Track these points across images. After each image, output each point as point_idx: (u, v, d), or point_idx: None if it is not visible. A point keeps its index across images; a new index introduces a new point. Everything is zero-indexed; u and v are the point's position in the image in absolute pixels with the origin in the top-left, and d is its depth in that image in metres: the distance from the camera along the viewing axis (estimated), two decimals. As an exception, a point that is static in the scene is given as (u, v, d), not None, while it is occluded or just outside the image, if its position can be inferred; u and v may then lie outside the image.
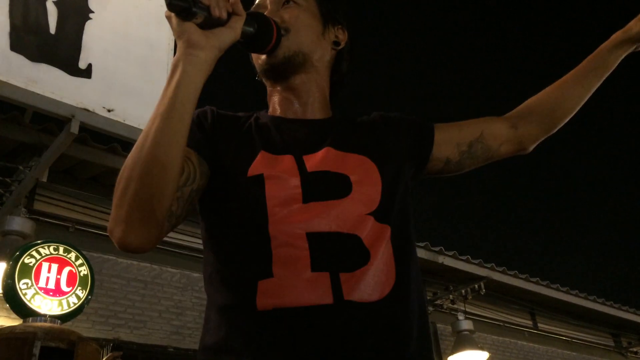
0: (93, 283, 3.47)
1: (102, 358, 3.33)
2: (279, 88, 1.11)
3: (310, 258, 0.88)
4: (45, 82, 3.19)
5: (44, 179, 3.69)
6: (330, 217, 0.93)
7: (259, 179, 0.94)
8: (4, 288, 3.21)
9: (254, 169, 0.95)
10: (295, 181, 0.95)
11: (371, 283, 0.91)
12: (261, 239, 0.90)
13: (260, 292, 0.86)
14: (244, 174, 0.95)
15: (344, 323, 0.86)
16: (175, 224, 0.92)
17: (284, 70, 1.08)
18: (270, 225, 0.90)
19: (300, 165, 0.97)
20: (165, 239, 4.34)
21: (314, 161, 0.99)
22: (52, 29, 3.36)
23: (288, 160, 0.98)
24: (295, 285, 0.86)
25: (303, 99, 1.10)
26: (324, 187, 0.96)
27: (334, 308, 0.86)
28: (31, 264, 3.23)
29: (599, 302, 8.29)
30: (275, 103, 1.11)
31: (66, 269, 3.34)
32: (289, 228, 0.90)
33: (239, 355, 0.85)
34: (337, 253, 0.91)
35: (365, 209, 0.97)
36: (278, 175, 0.95)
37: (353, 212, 0.95)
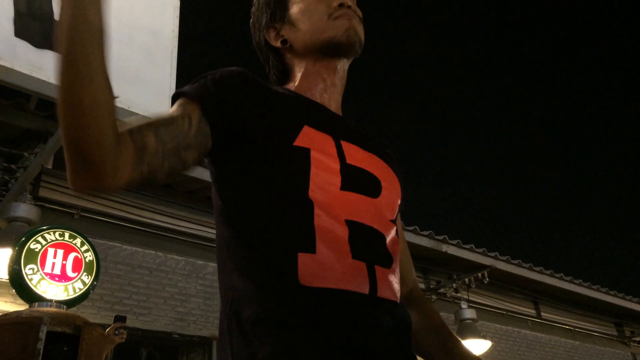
0: (98, 269, 3.49)
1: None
2: (319, 67, 1.07)
3: (349, 244, 0.87)
4: (50, 68, 3.19)
5: (49, 166, 3.71)
6: (366, 211, 0.92)
7: (306, 152, 0.91)
8: (10, 273, 3.23)
9: (300, 141, 0.92)
10: (336, 166, 0.93)
11: (394, 285, 0.92)
12: (305, 211, 0.87)
13: (301, 266, 0.83)
14: (290, 142, 0.91)
15: (379, 316, 0.86)
16: (148, 173, 0.82)
17: (353, 52, 1.07)
18: (313, 202, 0.88)
19: (340, 151, 0.95)
20: (170, 226, 4.30)
21: (351, 153, 0.97)
22: (57, 15, 3.36)
23: (329, 142, 0.95)
24: (335, 267, 0.85)
25: (336, 88, 1.08)
26: (360, 182, 0.95)
27: (369, 299, 0.86)
28: (37, 250, 3.25)
29: (602, 292, 8.30)
30: (306, 81, 1.07)
31: (72, 255, 3.36)
32: (329, 209, 0.88)
33: (299, 329, 0.81)
34: (372, 247, 0.91)
35: (389, 215, 0.98)
36: (322, 156, 0.92)
37: (382, 214, 0.96)
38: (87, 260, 3.41)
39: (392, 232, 0.97)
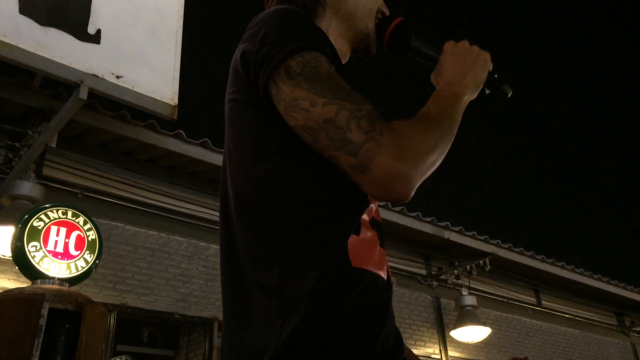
0: (101, 247, 3.50)
1: (109, 323, 3.36)
2: (347, 48, 1.13)
3: (375, 232, 0.93)
4: (55, 46, 3.17)
5: (53, 145, 3.70)
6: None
7: None
8: (13, 250, 3.25)
9: None
10: None
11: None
12: (358, 195, 0.88)
13: (350, 247, 0.85)
14: None
15: (391, 301, 0.93)
16: None
17: (363, 54, 1.17)
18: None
19: None
20: (173, 207, 4.29)
21: None
22: (64, -7, 3.33)
23: None
24: (373, 252, 0.89)
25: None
26: None
27: (387, 284, 0.92)
28: (40, 227, 3.26)
29: (603, 281, 8.31)
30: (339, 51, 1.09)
31: (74, 233, 3.38)
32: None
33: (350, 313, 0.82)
34: (383, 236, 0.97)
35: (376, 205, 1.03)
36: None
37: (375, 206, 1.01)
38: (89, 238, 3.42)
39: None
